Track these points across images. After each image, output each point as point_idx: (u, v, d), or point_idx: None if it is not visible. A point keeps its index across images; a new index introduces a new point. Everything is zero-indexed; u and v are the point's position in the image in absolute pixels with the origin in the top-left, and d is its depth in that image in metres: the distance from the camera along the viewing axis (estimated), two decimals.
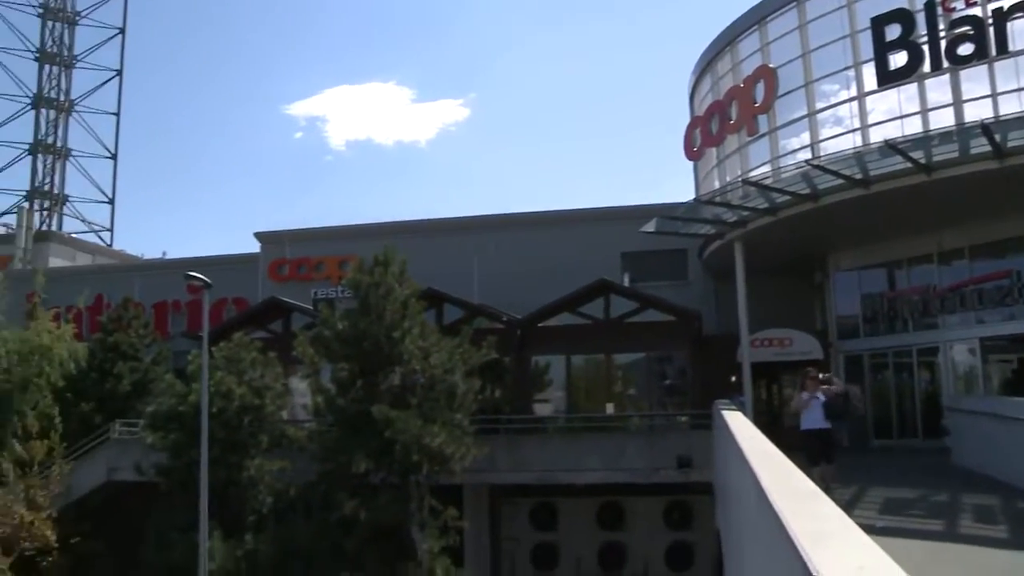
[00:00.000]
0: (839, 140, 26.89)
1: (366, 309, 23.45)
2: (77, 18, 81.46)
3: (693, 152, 33.80)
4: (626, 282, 33.64)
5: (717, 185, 30.49)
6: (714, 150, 32.44)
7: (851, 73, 26.82)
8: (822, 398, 15.74)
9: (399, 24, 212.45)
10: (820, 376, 16.82)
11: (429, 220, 39.33)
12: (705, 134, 32.62)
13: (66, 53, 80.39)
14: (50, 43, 79.51)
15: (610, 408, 29.78)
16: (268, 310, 33.79)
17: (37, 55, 78.96)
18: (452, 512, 23.20)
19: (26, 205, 70.60)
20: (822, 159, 25.16)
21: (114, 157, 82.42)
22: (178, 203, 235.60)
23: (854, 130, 26.62)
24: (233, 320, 34.89)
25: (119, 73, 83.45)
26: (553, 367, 30.69)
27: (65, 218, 77.96)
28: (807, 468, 11.26)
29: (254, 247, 42.65)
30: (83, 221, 79.67)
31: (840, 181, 23.58)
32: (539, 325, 29.92)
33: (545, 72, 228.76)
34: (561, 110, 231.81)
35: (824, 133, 27.53)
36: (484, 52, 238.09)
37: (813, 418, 15.60)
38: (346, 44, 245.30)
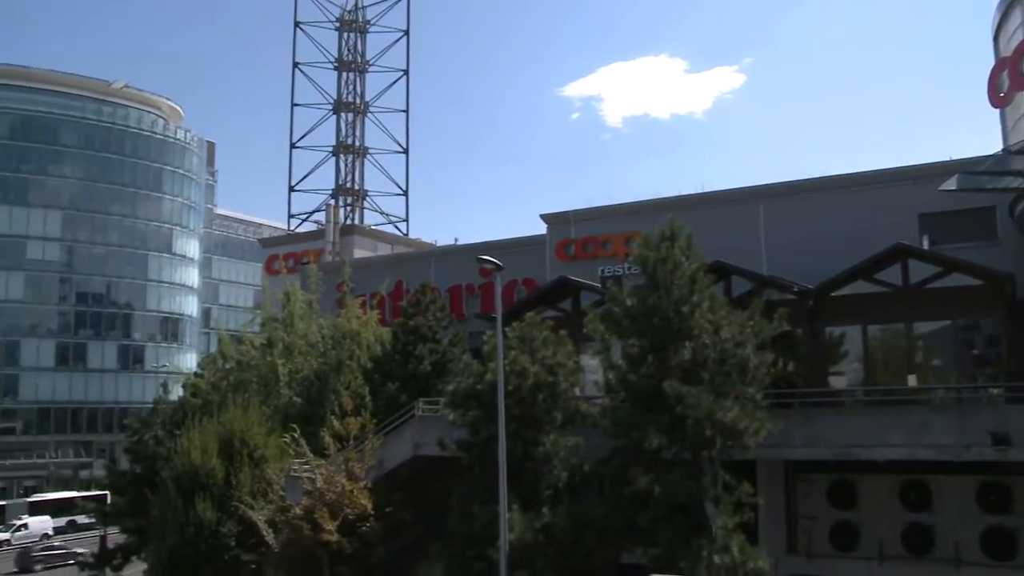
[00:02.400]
0: None
1: (654, 284, 23.45)
2: (367, 26, 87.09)
3: (999, 98, 30.99)
4: (925, 245, 31.49)
5: None
6: None
7: None
8: None
9: None
10: None
11: (712, 192, 38.66)
12: (1014, 76, 29.79)
13: (359, 59, 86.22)
14: (346, 52, 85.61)
15: (912, 380, 28.02)
16: (557, 289, 34.58)
17: (335, 64, 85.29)
18: (746, 488, 22.79)
19: (332, 202, 76.45)
20: None
21: (406, 152, 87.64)
22: (465, 191, 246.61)
23: None
24: (524, 300, 35.99)
25: (406, 73, 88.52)
26: (848, 338, 29.24)
27: (366, 212, 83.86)
28: None
29: (540, 229, 43.79)
30: (382, 213, 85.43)
31: None
32: (832, 294, 28.60)
33: (823, 30, 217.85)
34: (842, 68, 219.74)
35: None
36: (758, 15, 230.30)
37: None
38: (615, 21, 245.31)
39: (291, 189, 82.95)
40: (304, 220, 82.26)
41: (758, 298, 25.12)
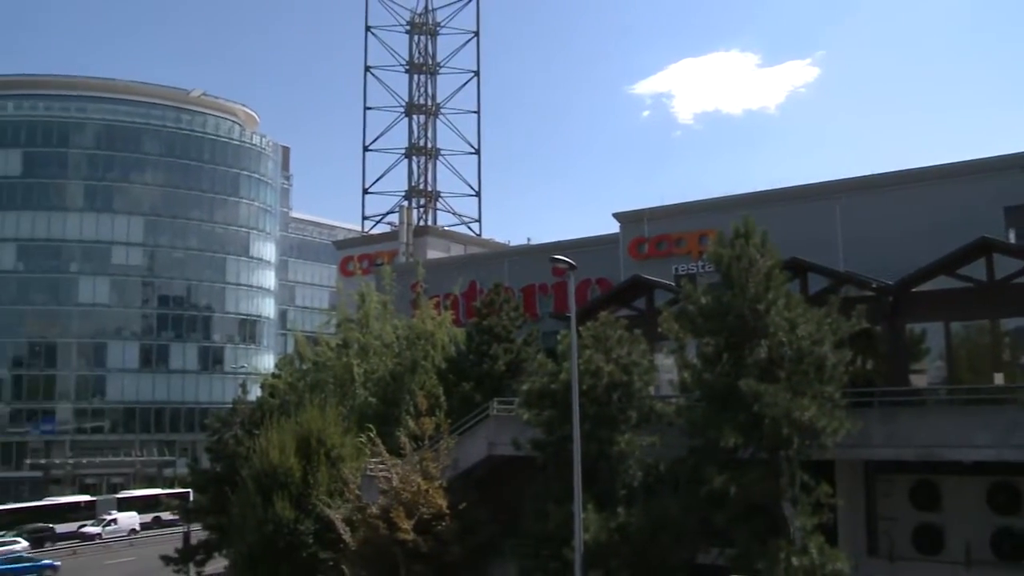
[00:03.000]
0: None
1: (729, 282, 23.18)
2: (437, 29, 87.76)
3: None
4: (1011, 239, 30.58)
5: None
6: None
7: None
8: None
9: None
10: None
11: (787, 188, 38.09)
12: None
13: (430, 62, 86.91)
14: (417, 55, 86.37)
15: (999, 379, 27.21)
16: (631, 288, 34.42)
17: (407, 67, 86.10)
18: (825, 488, 22.38)
19: (405, 204, 77.21)
20: None
21: (477, 152, 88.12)
22: (538, 190, 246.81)
23: None
24: (598, 300, 35.89)
25: (476, 74, 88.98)
26: (930, 335, 28.53)
27: (439, 213, 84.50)
28: None
29: (613, 227, 43.64)
30: (454, 214, 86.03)
31: None
32: (912, 290, 27.94)
33: (898, 19, 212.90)
34: (919, 57, 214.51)
35: None
36: (830, 6, 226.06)
37: None
38: (685, 17, 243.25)
39: (365, 191, 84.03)
40: (378, 222, 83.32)
41: (835, 295, 24.64)
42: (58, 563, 58.83)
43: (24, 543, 67.33)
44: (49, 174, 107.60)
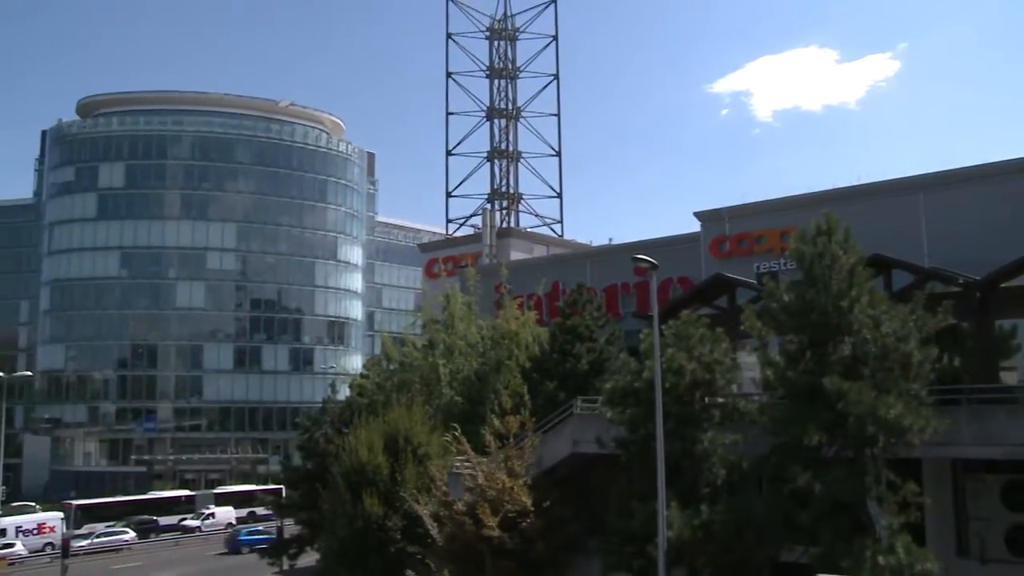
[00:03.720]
0: None
1: (811, 279, 23.08)
2: (517, 34, 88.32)
3: None
4: None
5: None
6: None
7: None
8: None
9: None
10: None
11: (869, 183, 37.53)
12: None
13: (510, 66, 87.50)
14: (497, 60, 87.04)
15: None
16: (713, 287, 34.38)
17: (487, 72, 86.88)
18: (911, 487, 22.12)
19: (488, 206, 77.86)
20: None
21: (558, 154, 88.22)
22: (618, 191, 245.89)
23: None
24: (679, 298, 35.91)
25: (555, 77, 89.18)
26: (1021, 330, 27.88)
27: (521, 214, 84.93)
28: None
29: (694, 226, 43.54)
30: (536, 216, 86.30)
31: None
32: (1002, 285, 27.38)
33: (981, 9, 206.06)
34: (1003, 47, 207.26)
35: None
36: None
37: None
38: (762, 15, 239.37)
39: (448, 195, 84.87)
40: (462, 224, 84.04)
41: (920, 291, 24.33)
42: None
43: (132, 533, 70.42)
44: (149, 185, 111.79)
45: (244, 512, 79.95)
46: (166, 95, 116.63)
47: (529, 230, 77.92)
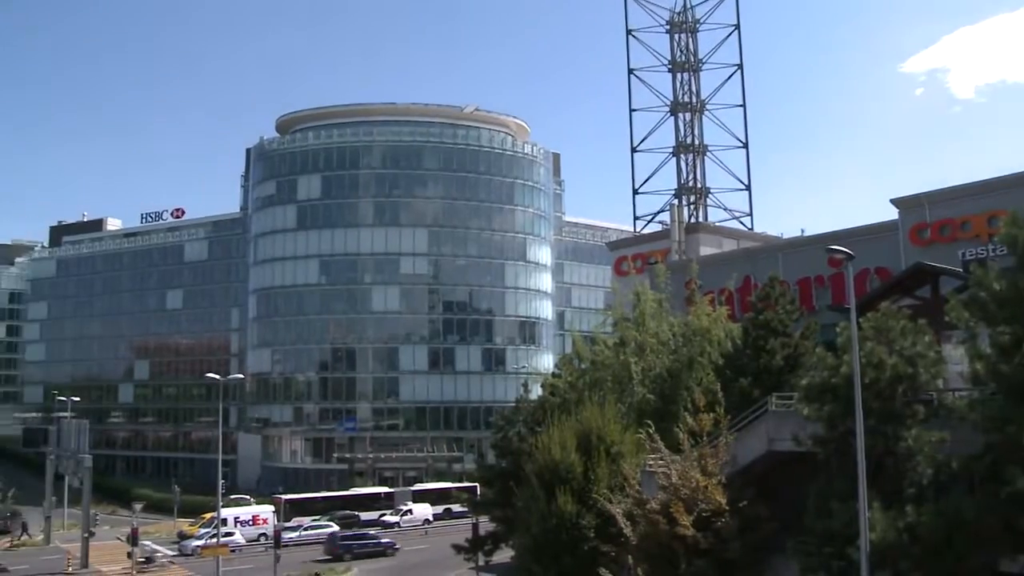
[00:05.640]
0: None
1: None
2: (697, 26, 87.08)
3: None
4: None
5: None
6: None
7: None
8: None
9: None
10: None
11: None
12: None
13: (692, 59, 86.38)
14: (678, 53, 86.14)
15: None
16: (914, 276, 32.83)
17: (669, 67, 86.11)
18: None
19: (676, 202, 77.13)
20: None
21: (745, 146, 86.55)
22: (808, 180, 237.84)
23: None
24: (877, 290, 34.55)
25: (739, 67, 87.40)
26: None
27: (709, 208, 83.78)
28: None
29: (890, 214, 41.72)
30: (725, 210, 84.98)
31: None
32: None
33: None
34: None
35: None
36: None
37: None
38: None
39: (635, 192, 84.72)
40: (649, 221, 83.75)
41: None
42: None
43: (335, 527, 74.03)
44: (343, 194, 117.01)
45: (440, 509, 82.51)
46: (357, 108, 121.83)
47: (718, 224, 76.77)
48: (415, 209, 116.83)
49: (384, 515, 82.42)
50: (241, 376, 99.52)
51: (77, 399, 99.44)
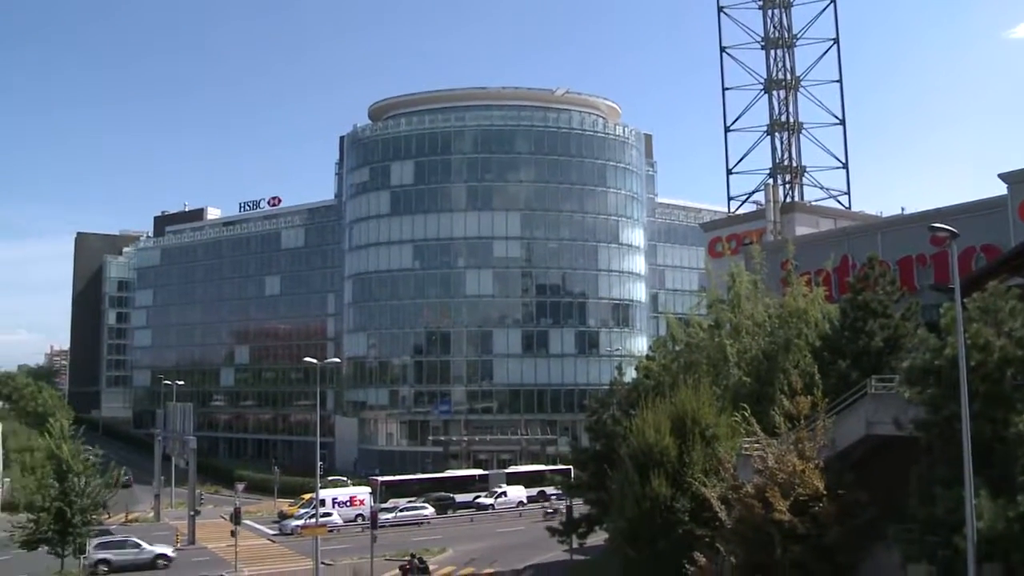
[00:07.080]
0: None
1: None
2: (791, 0, 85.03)
3: None
4: None
5: None
6: None
7: None
8: None
9: None
10: None
11: None
12: None
13: (786, 35, 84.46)
14: (771, 29, 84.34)
15: None
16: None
17: (762, 43, 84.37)
18: None
19: (771, 181, 75.77)
20: None
21: (842, 123, 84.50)
22: (909, 156, 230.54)
23: None
24: (985, 268, 33.30)
25: (835, 42, 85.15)
26: None
27: (805, 188, 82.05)
28: None
29: (998, 189, 40.18)
30: (821, 188, 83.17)
31: None
32: None
33: None
34: None
35: None
36: None
37: None
38: None
39: (729, 172, 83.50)
40: (744, 201, 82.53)
41: None
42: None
43: (431, 509, 75.23)
44: (436, 180, 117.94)
45: (534, 491, 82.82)
46: (448, 93, 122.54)
47: (814, 203, 75.11)
48: (507, 193, 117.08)
49: (478, 497, 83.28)
50: (338, 360, 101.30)
51: (181, 383, 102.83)
